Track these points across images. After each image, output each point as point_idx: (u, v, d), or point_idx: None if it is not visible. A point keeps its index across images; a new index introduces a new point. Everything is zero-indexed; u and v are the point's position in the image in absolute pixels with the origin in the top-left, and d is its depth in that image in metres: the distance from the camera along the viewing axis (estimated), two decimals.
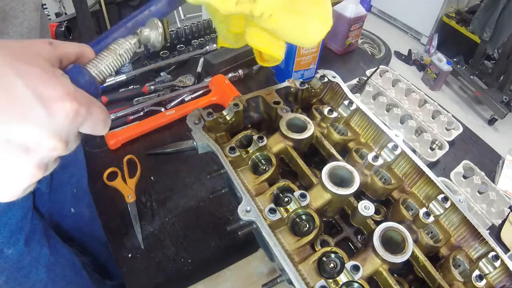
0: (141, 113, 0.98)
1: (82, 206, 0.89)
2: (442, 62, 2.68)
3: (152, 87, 1.05)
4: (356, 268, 0.45)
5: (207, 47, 1.20)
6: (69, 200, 0.86)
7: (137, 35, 0.38)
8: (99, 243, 0.98)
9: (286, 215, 0.50)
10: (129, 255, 0.72)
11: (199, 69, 1.15)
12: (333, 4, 1.28)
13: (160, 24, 0.39)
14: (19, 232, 0.64)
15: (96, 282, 0.99)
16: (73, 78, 0.31)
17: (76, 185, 0.86)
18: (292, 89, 0.70)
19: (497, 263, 0.50)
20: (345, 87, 0.70)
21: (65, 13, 2.37)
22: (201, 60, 1.17)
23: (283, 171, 0.62)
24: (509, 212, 0.85)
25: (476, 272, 0.50)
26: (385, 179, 0.63)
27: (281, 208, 0.50)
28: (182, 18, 2.76)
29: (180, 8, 2.71)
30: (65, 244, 0.84)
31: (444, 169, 0.95)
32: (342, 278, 0.45)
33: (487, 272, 0.51)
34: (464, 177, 0.90)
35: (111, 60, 0.35)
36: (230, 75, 1.10)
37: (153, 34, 0.40)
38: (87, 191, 0.87)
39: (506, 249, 0.80)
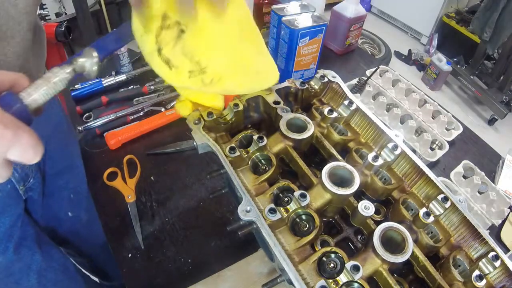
0: (141, 113, 0.98)
1: (80, 210, 0.89)
2: (442, 62, 2.68)
3: (152, 87, 1.05)
4: (356, 268, 0.45)
5: None
6: (66, 205, 0.85)
7: (72, 64, 0.40)
8: (97, 244, 0.97)
9: (286, 215, 0.50)
10: (129, 255, 0.72)
11: None
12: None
13: (96, 53, 0.41)
14: (8, 240, 0.63)
15: (92, 285, 0.99)
16: (4, 105, 0.32)
17: (74, 190, 0.85)
18: (292, 89, 0.70)
19: (497, 263, 0.50)
20: (345, 87, 0.70)
21: (65, 13, 2.37)
22: None
23: (283, 171, 0.62)
24: (509, 212, 0.85)
25: (476, 272, 0.50)
26: (385, 179, 0.63)
27: (281, 208, 0.50)
28: None
29: None
30: (60, 249, 0.83)
31: (444, 169, 0.95)
32: (342, 278, 0.45)
33: (487, 272, 0.51)
34: (464, 177, 0.90)
35: (45, 89, 0.36)
36: None
37: (88, 63, 0.41)
38: (85, 195, 0.86)
39: (506, 249, 0.80)
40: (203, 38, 0.43)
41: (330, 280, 0.45)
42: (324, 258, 0.48)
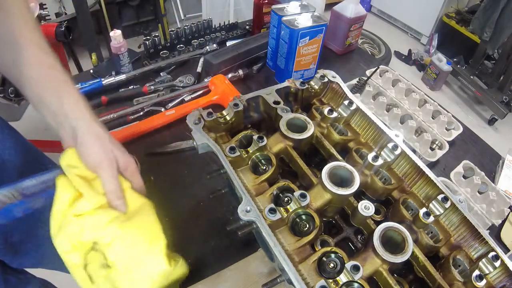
0: (141, 113, 0.98)
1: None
2: (442, 62, 2.68)
3: (152, 87, 1.05)
4: (356, 268, 0.45)
5: (207, 47, 1.20)
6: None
7: None
8: None
9: (286, 215, 0.50)
10: None
11: (199, 69, 1.15)
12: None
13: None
14: None
15: None
16: None
17: None
18: (292, 89, 0.70)
19: (497, 263, 0.50)
20: (345, 87, 0.71)
21: (65, 13, 2.37)
22: (201, 60, 1.17)
23: (283, 171, 0.62)
24: (509, 212, 0.85)
25: (476, 272, 0.50)
26: (385, 179, 0.63)
27: (281, 208, 0.50)
28: (182, 18, 2.76)
29: (180, 8, 2.71)
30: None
31: (444, 169, 0.95)
32: (342, 278, 0.45)
33: (487, 272, 0.51)
34: (464, 177, 0.90)
35: None
36: (230, 75, 1.10)
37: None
38: None
39: (506, 249, 0.80)
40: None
41: (330, 280, 0.45)
42: (324, 258, 0.48)
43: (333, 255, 0.49)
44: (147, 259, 0.48)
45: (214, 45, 1.21)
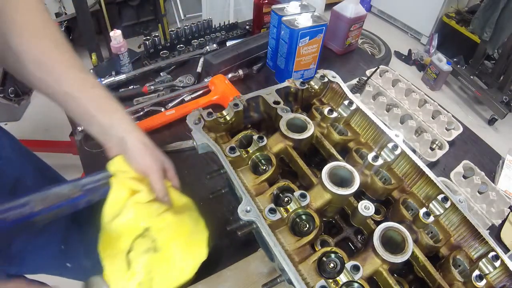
0: (141, 113, 0.98)
1: (74, 260, 0.78)
2: (442, 62, 2.68)
3: (152, 87, 1.05)
4: (356, 268, 0.45)
5: (207, 47, 1.20)
6: (56, 257, 0.75)
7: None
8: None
9: (286, 215, 0.50)
10: None
11: (199, 69, 1.15)
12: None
13: None
14: None
15: None
16: None
17: (64, 241, 0.75)
18: (292, 89, 0.70)
19: (497, 263, 0.50)
20: (345, 87, 0.71)
21: (65, 13, 2.37)
22: (201, 60, 1.17)
23: (283, 171, 0.62)
24: (509, 212, 0.85)
25: (476, 272, 0.50)
26: (385, 179, 0.63)
27: (281, 208, 0.50)
28: (182, 18, 2.76)
29: (180, 8, 2.71)
30: None
31: (444, 169, 0.95)
32: (342, 278, 0.45)
33: (487, 272, 0.51)
34: (464, 177, 0.90)
35: None
36: (230, 75, 1.10)
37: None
38: (76, 239, 0.77)
39: (506, 249, 0.80)
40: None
41: (330, 280, 0.45)
42: (324, 258, 0.48)
43: (333, 255, 0.49)
44: (193, 248, 0.55)
45: (214, 45, 1.21)
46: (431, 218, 0.54)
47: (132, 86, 1.06)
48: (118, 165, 0.56)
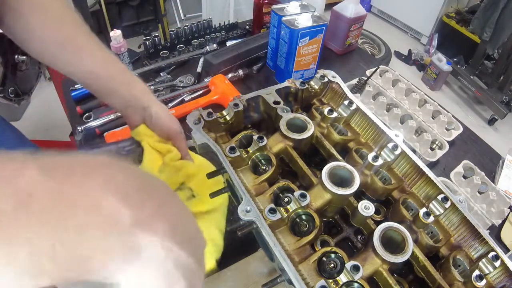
0: None
1: None
2: (442, 62, 2.68)
3: (152, 87, 1.05)
4: (356, 268, 0.45)
5: (207, 47, 1.20)
6: None
7: None
8: None
9: (286, 215, 0.50)
10: None
11: (199, 69, 1.15)
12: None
13: None
14: None
15: None
16: None
17: None
18: (292, 89, 0.70)
19: (497, 263, 0.50)
20: (345, 87, 0.71)
21: None
22: (201, 60, 1.17)
23: (283, 171, 0.62)
24: (509, 212, 0.85)
25: (476, 272, 0.50)
26: (385, 179, 0.63)
27: (281, 208, 0.50)
28: (182, 18, 2.76)
29: (180, 8, 2.71)
30: None
31: (444, 169, 0.95)
32: (342, 278, 0.45)
33: (487, 272, 0.51)
34: (464, 177, 0.90)
35: None
36: (230, 75, 1.10)
37: None
38: None
39: (506, 249, 0.80)
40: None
41: (330, 280, 0.45)
42: (324, 258, 0.48)
43: (333, 255, 0.49)
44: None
45: (214, 45, 1.21)
46: (431, 218, 0.54)
47: None
48: (144, 132, 0.63)
